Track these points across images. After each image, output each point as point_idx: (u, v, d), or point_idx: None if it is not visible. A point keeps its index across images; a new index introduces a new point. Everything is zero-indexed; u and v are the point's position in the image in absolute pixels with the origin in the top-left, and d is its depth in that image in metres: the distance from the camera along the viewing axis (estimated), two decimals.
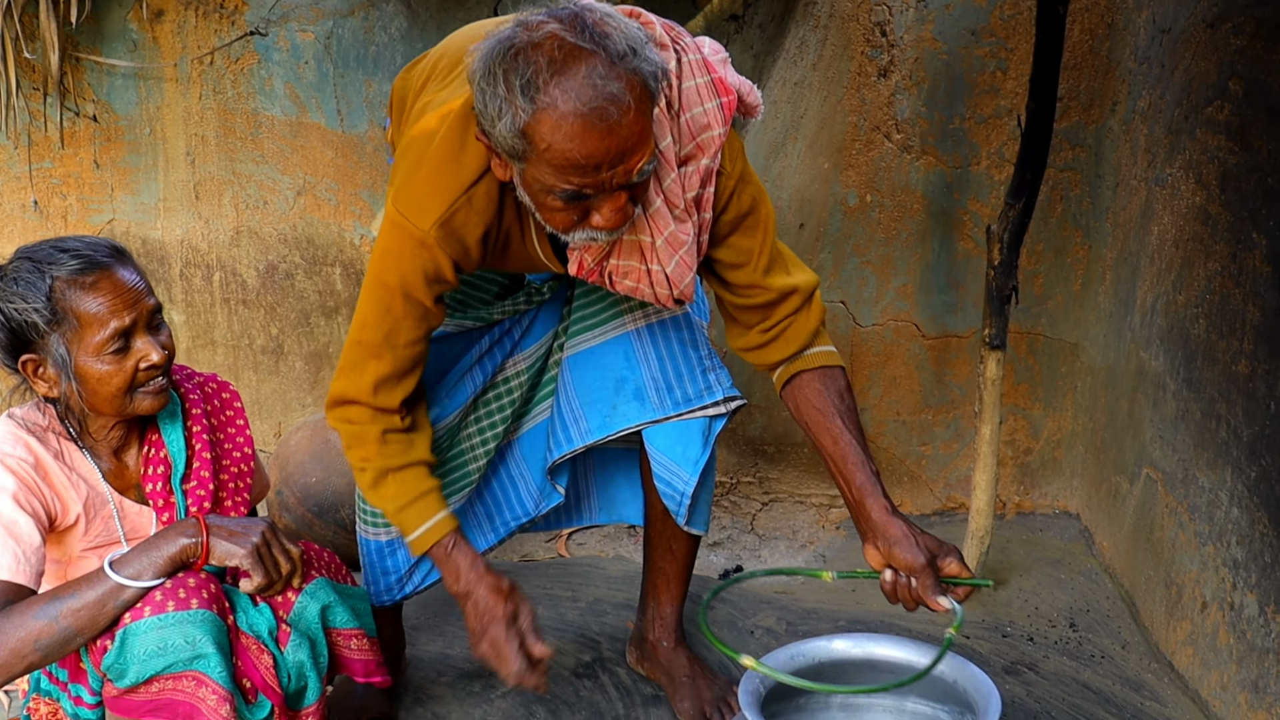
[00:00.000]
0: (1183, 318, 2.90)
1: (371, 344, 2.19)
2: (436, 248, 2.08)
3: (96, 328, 2.03)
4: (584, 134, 1.81)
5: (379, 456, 2.25)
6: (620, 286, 2.18)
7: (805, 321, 2.28)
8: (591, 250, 2.12)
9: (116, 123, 3.79)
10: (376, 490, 2.28)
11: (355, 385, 2.22)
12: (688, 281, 2.16)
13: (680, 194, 2.07)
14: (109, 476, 2.16)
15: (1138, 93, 3.30)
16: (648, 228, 2.08)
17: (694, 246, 2.13)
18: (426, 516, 2.27)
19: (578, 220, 1.94)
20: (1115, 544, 3.33)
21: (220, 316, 3.95)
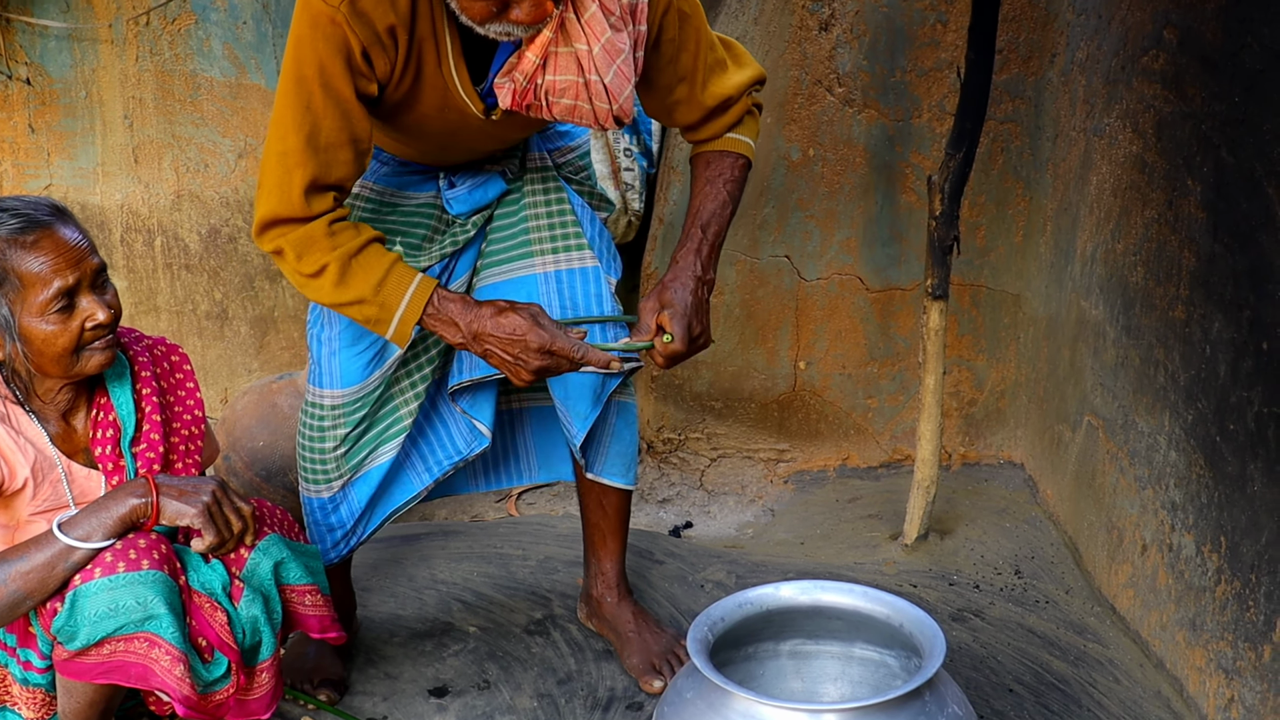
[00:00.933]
0: (1121, 266, 2.95)
1: (295, 151, 2.08)
2: (346, 26, 2.01)
3: (40, 287, 2.01)
4: None
5: (334, 248, 2.14)
6: (557, 109, 2.15)
7: (721, 120, 2.36)
8: (521, 67, 2.09)
9: (51, 86, 3.73)
10: (345, 283, 2.16)
11: (285, 200, 2.11)
12: (626, 95, 2.14)
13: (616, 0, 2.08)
14: (57, 440, 2.14)
15: (1076, 44, 3.33)
16: (583, 34, 2.06)
17: (630, 58, 2.13)
18: (406, 283, 2.18)
19: (496, 12, 1.96)
20: (1059, 492, 3.39)
21: (163, 282, 3.92)
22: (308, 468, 2.57)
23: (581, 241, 2.55)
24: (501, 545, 3.32)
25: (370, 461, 2.57)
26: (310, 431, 2.55)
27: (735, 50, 2.39)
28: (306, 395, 2.56)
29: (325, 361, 2.50)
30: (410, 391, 2.56)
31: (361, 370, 2.48)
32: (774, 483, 3.81)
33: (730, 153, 2.38)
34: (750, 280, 3.68)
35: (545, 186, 2.54)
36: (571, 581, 3.09)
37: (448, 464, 2.65)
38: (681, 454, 3.85)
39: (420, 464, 2.66)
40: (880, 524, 3.45)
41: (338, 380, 2.49)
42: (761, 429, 3.83)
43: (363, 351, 2.47)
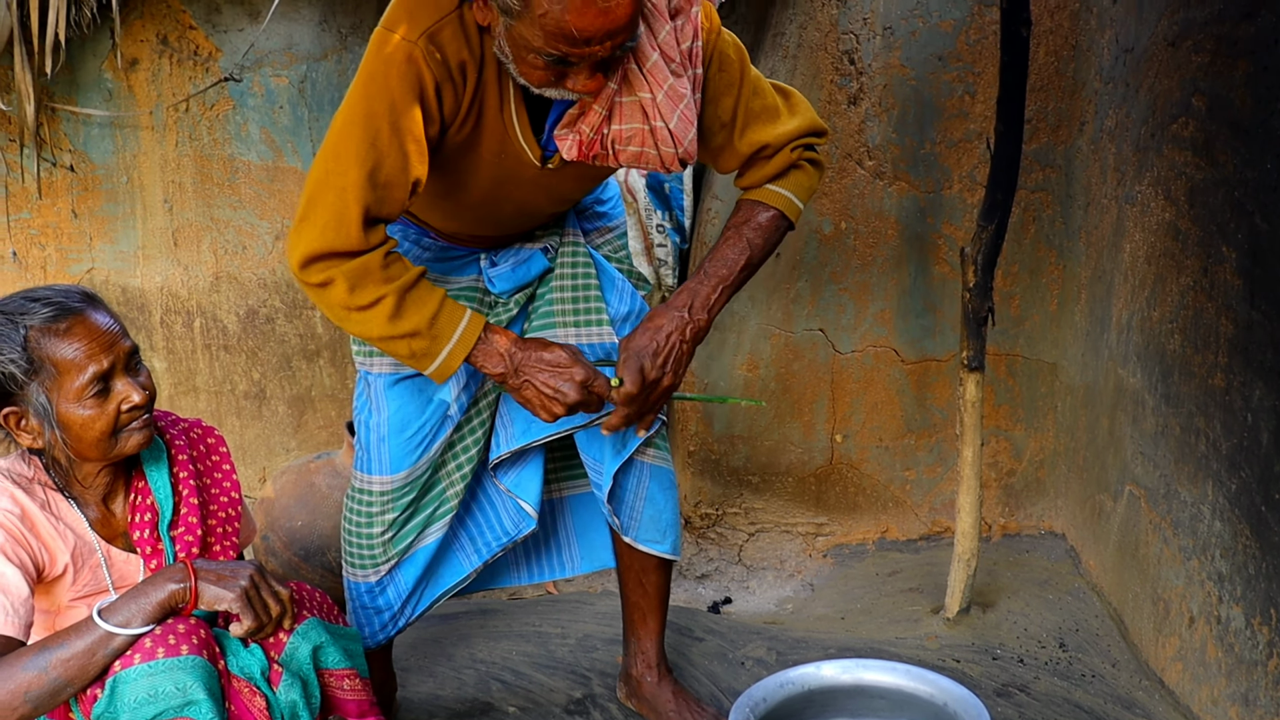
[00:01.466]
0: (1158, 333, 2.93)
1: (356, 185, 2.07)
2: (423, 61, 2.03)
3: (75, 373, 2.03)
4: (583, 9, 1.88)
5: (389, 280, 2.13)
6: (624, 156, 2.18)
7: (762, 168, 2.35)
8: (589, 119, 2.12)
9: (93, 172, 3.80)
10: (401, 316, 2.16)
11: (341, 234, 2.09)
12: (690, 137, 2.17)
13: (675, 46, 2.12)
14: (96, 525, 2.15)
15: (1104, 112, 3.34)
16: (646, 83, 2.11)
17: (691, 102, 2.16)
18: (458, 318, 2.20)
19: (553, 80, 2.01)
20: (1101, 562, 3.34)
21: (202, 362, 3.95)
22: (354, 553, 2.57)
23: (602, 317, 2.54)
24: (540, 623, 3.30)
25: (417, 543, 2.57)
26: (357, 518, 2.54)
27: (793, 99, 2.37)
28: (353, 481, 2.56)
29: (374, 448, 2.50)
30: (456, 473, 2.56)
31: (409, 455, 2.48)
32: (813, 557, 3.78)
33: (761, 203, 2.36)
34: (785, 354, 3.68)
35: (575, 260, 2.55)
36: (611, 660, 3.07)
37: (496, 546, 2.64)
38: (719, 529, 3.83)
39: (469, 546, 2.65)
40: (921, 597, 3.41)
41: (386, 466, 2.49)
42: (799, 503, 3.80)
43: (411, 436, 2.48)
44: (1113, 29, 3.31)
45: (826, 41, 3.53)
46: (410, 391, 2.48)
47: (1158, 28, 2.98)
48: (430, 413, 2.49)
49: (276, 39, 3.69)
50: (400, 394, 2.48)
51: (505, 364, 2.22)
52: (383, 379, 2.49)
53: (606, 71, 2.03)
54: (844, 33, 3.52)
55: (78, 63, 3.69)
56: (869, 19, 3.51)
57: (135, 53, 3.71)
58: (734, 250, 2.32)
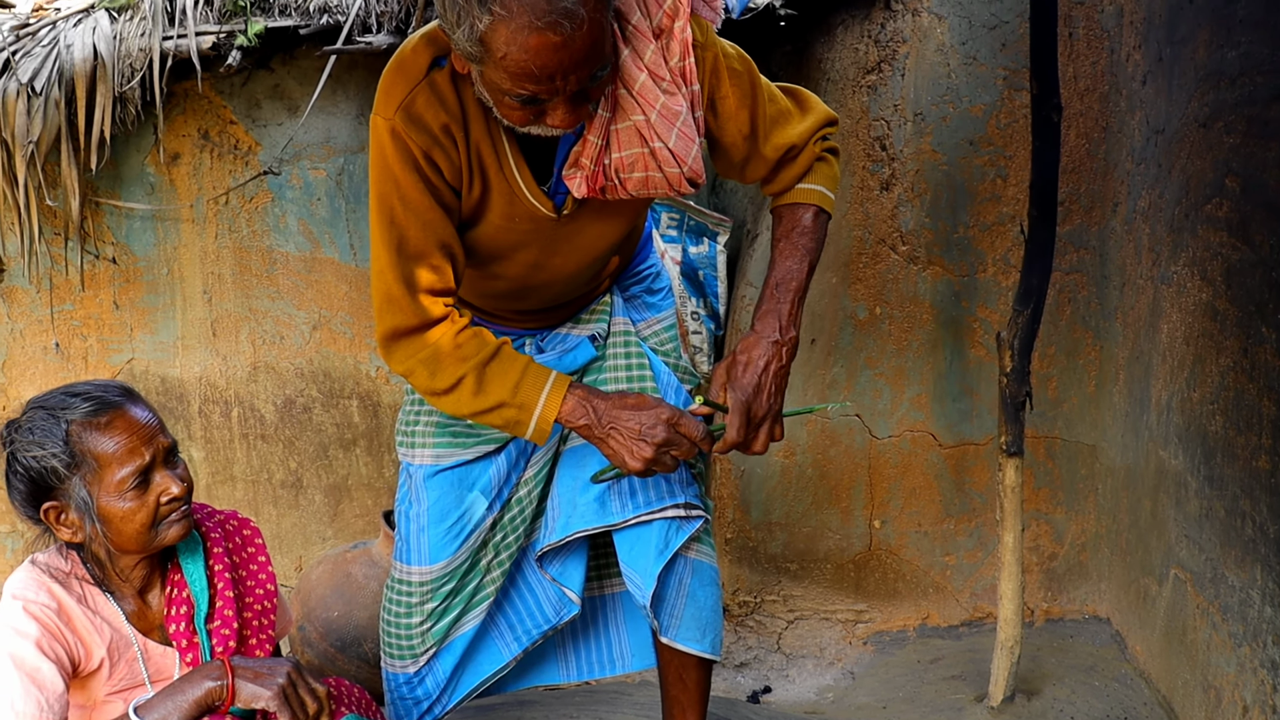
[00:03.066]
0: (1199, 415, 2.90)
1: (389, 264, 2.13)
2: (405, 135, 2.06)
3: (116, 466, 2.04)
4: (539, 47, 1.86)
5: (464, 359, 2.16)
6: (630, 184, 2.16)
7: (790, 170, 2.32)
8: (587, 150, 2.12)
9: (135, 264, 3.86)
10: (484, 391, 2.17)
11: (396, 310, 2.15)
12: (694, 155, 2.14)
13: (663, 64, 2.09)
14: (133, 619, 2.15)
15: (1137, 193, 3.34)
16: (637, 106, 2.09)
17: (690, 118, 2.13)
18: (542, 382, 2.19)
19: (533, 119, 2.00)
20: (1148, 647, 3.28)
21: (239, 452, 3.97)
22: (393, 643, 2.55)
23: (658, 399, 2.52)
24: (578, 714, 3.26)
25: (455, 631, 2.54)
26: (397, 608, 2.53)
27: (801, 96, 2.36)
28: (393, 572, 2.54)
29: (414, 538, 2.49)
30: (495, 561, 2.54)
31: (448, 546, 2.47)
32: (853, 644, 3.73)
33: (800, 204, 2.33)
34: (821, 440, 3.67)
35: (628, 351, 2.53)
36: None
37: (536, 633, 2.60)
38: (758, 616, 3.79)
39: (509, 633, 2.61)
40: (964, 685, 3.35)
41: (425, 557, 2.48)
42: (838, 589, 3.76)
43: (450, 527, 2.47)
44: (1143, 110, 3.32)
45: (858, 128, 3.56)
46: (450, 482, 2.47)
47: (1188, 109, 2.98)
48: (469, 502, 2.48)
49: (315, 133, 3.76)
50: (440, 484, 2.48)
51: (589, 415, 2.19)
52: (423, 470, 2.49)
53: (586, 102, 2.01)
54: (875, 119, 3.55)
55: (122, 158, 3.77)
56: (899, 105, 3.53)
57: (177, 147, 3.78)
58: (794, 260, 2.29)
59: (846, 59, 3.56)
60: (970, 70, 3.51)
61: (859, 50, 3.55)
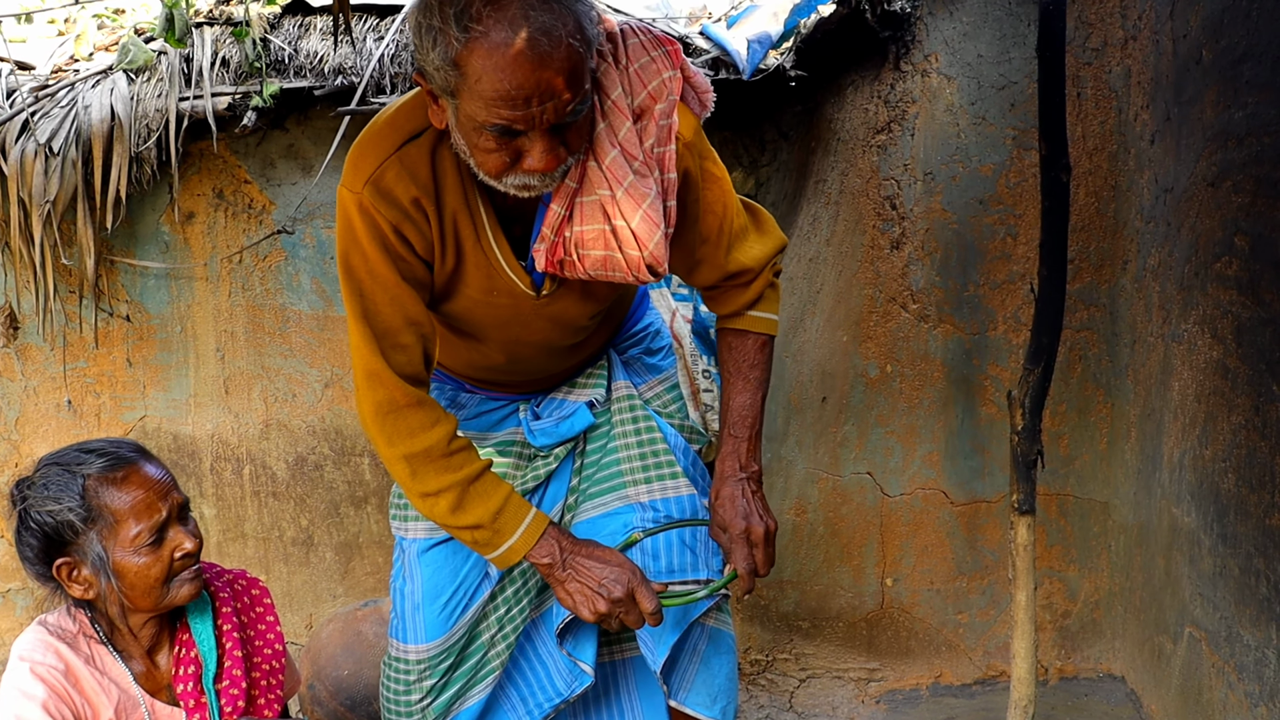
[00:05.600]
0: (1211, 472, 2.89)
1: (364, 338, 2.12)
2: (372, 209, 2.03)
3: (132, 522, 2.05)
4: (515, 64, 1.82)
5: (450, 470, 2.17)
6: (588, 261, 2.11)
7: (739, 296, 2.36)
8: (548, 219, 2.08)
9: (149, 321, 3.88)
10: (463, 509, 2.19)
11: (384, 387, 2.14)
12: (656, 241, 2.07)
13: (638, 145, 2.06)
14: (140, 679, 2.15)
15: (1147, 251, 3.35)
16: (605, 181, 2.05)
17: (659, 203, 2.07)
18: (521, 517, 2.22)
19: (510, 163, 1.93)
20: (1164, 707, 3.25)
21: (250, 509, 3.97)
22: (391, 705, 2.51)
23: (676, 470, 2.49)
24: None
25: (460, 704, 2.50)
26: (395, 685, 2.49)
27: (760, 216, 2.37)
28: (390, 649, 2.51)
29: (409, 616, 2.46)
30: (499, 633, 2.50)
31: (445, 623, 2.44)
32: (865, 703, 3.69)
33: (752, 333, 2.38)
34: (833, 498, 3.66)
35: (634, 416, 2.51)
36: None
37: (549, 706, 2.54)
38: (770, 675, 3.76)
39: (520, 706, 2.56)
40: None
41: (421, 635, 2.44)
42: (850, 648, 3.73)
43: (445, 603, 2.43)
44: (1151, 169, 3.34)
45: (868, 188, 3.58)
46: (444, 556, 2.44)
47: (1196, 168, 3.00)
48: (465, 576, 2.45)
49: (328, 192, 3.79)
50: (434, 559, 2.44)
51: (554, 555, 2.23)
52: (416, 544, 2.46)
53: (565, 143, 1.95)
54: (885, 178, 3.57)
55: (137, 217, 3.80)
56: (909, 165, 3.55)
57: (192, 206, 3.81)
58: (748, 395, 2.37)
59: (856, 119, 3.59)
60: (979, 130, 3.53)
61: (869, 110, 3.58)
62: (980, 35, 3.49)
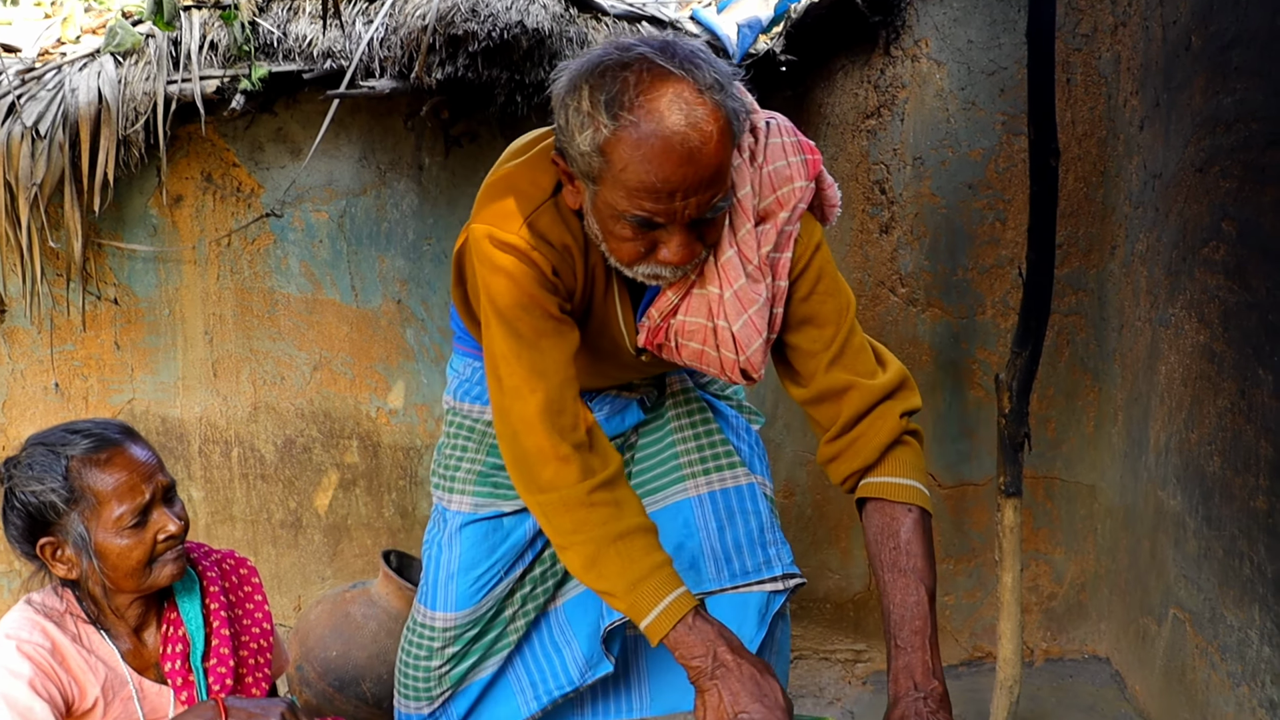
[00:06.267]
0: (1197, 455, 2.90)
1: (524, 383, 1.99)
2: (530, 251, 1.96)
3: (115, 503, 2.05)
4: (663, 157, 1.76)
5: (588, 525, 1.99)
6: (685, 351, 2.08)
7: (873, 435, 2.07)
8: (658, 304, 2.04)
9: (136, 304, 3.87)
10: (596, 569, 1.99)
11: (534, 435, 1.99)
12: (755, 348, 2.02)
13: (755, 248, 2.00)
14: (128, 657, 2.15)
15: (1135, 236, 3.36)
16: (717, 278, 2.00)
17: (765, 310, 2.02)
18: (662, 594, 1.96)
19: (644, 253, 1.89)
20: (1148, 687, 3.27)
21: (239, 491, 3.97)
22: (409, 684, 2.53)
23: (734, 460, 2.45)
24: None
25: (472, 676, 2.52)
26: (416, 650, 2.51)
27: (883, 352, 2.17)
28: (415, 614, 2.52)
29: (442, 585, 2.46)
30: (520, 609, 2.51)
31: (476, 595, 2.45)
32: (852, 684, 3.71)
33: (894, 504, 2.04)
34: (821, 481, 3.67)
35: (689, 409, 2.47)
36: None
37: (558, 693, 2.54)
38: None
39: (529, 690, 2.55)
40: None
41: (452, 604, 2.45)
42: (838, 629, 3.75)
43: (480, 575, 2.44)
44: (1140, 155, 3.35)
45: (858, 172, 3.58)
46: (484, 532, 2.45)
47: (1185, 154, 3.00)
48: (503, 553, 2.46)
49: (317, 175, 3.78)
50: (474, 534, 2.45)
51: (706, 659, 1.96)
52: (460, 516, 2.46)
53: (701, 239, 1.90)
54: (874, 163, 3.57)
55: (124, 200, 3.79)
56: (899, 149, 3.56)
57: (180, 189, 3.80)
58: (909, 594, 2.00)
59: (846, 104, 3.59)
60: (969, 115, 3.54)
61: (859, 95, 3.58)
62: (970, 21, 3.50)
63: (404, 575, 3.41)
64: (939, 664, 1.97)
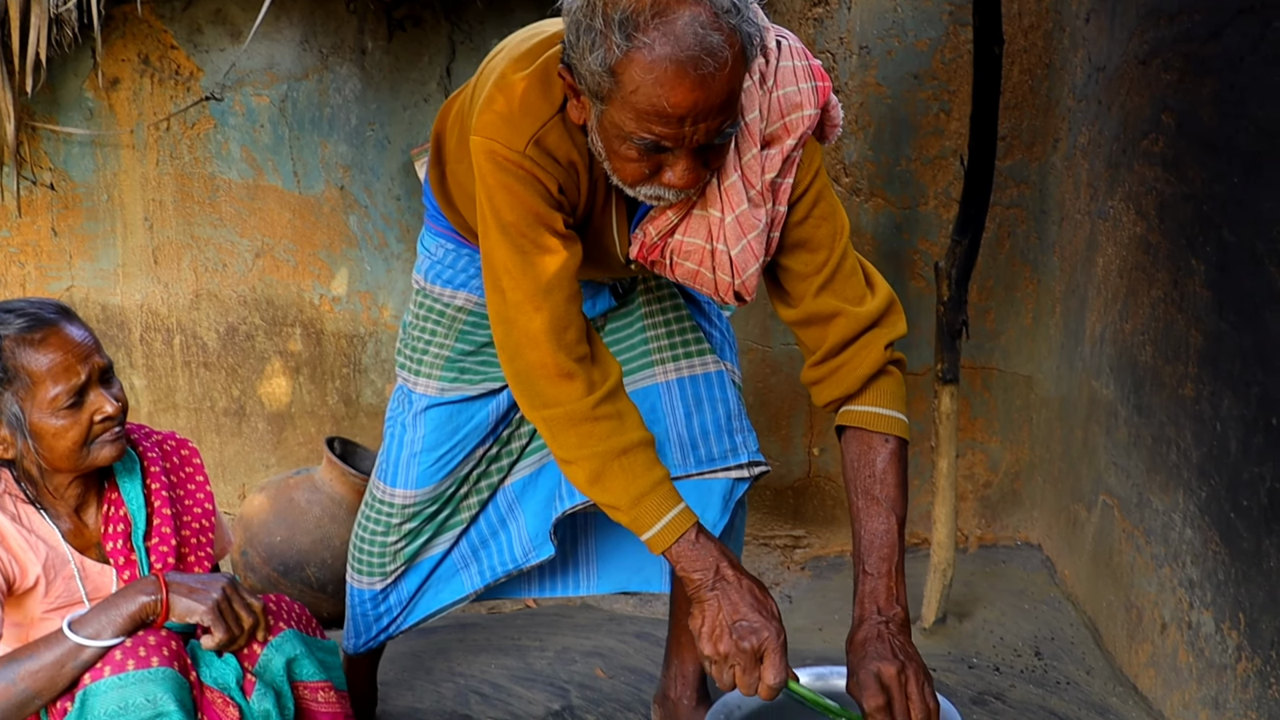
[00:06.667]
0: (1130, 345, 2.96)
1: (528, 299, 1.97)
2: (537, 168, 1.93)
3: (50, 383, 2.03)
4: (676, 81, 1.72)
5: (595, 440, 1.99)
6: (680, 270, 2.08)
7: (857, 364, 2.09)
8: (657, 222, 2.04)
9: (74, 190, 3.81)
10: (601, 484, 2.01)
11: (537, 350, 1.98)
12: (751, 272, 2.03)
13: (759, 173, 1.99)
14: (69, 537, 2.15)
15: (1078, 129, 3.37)
16: (719, 201, 1.99)
17: (764, 235, 2.01)
18: (665, 509, 2.00)
19: (649, 174, 1.87)
20: (1076, 572, 3.36)
21: (181, 380, 3.96)
22: (364, 560, 2.56)
23: (704, 346, 2.47)
24: (519, 636, 3.31)
25: (424, 553, 2.56)
26: (374, 525, 2.53)
27: (873, 275, 2.16)
28: (373, 490, 2.54)
29: (404, 464, 2.48)
30: (474, 487, 2.54)
31: (437, 473, 2.47)
32: (791, 569, 3.79)
33: (872, 434, 2.09)
34: (763, 369, 3.70)
35: (660, 295, 2.47)
36: (589, 672, 3.08)
37: (501, 571, 2.60)
38: None
39: (474, 566, 2.61)
40: None
41: (412, 482, 2.47)
42: (777, 516, 3.82)
43: (442, 455, 2.46)
44: (1085, 48, 3.35)
45: None
46: (449, 413, 2.45)
47: (1129, 46, 3.01)
48: (466, 434, 2.47)
49: (258, 59, 3.72)
50: (440, 415, 2.45)
51: (704, 574, 1.98)
52: (425, 399, 2.46)
53: (706, 164, 1.87)
54: (820, 52, 3.55)
55: (59, 82, 3.71)
56: (845, 38, 3.54)
57: (116, 72, 3.73)
58: (879, 521, 2.05)
59: None
60: (916, 5, 3.52)
61: None
62: None
63: (348, 462, 3.43)
64: (903, 590, 2.03)
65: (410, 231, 3.77)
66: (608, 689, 3.03)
